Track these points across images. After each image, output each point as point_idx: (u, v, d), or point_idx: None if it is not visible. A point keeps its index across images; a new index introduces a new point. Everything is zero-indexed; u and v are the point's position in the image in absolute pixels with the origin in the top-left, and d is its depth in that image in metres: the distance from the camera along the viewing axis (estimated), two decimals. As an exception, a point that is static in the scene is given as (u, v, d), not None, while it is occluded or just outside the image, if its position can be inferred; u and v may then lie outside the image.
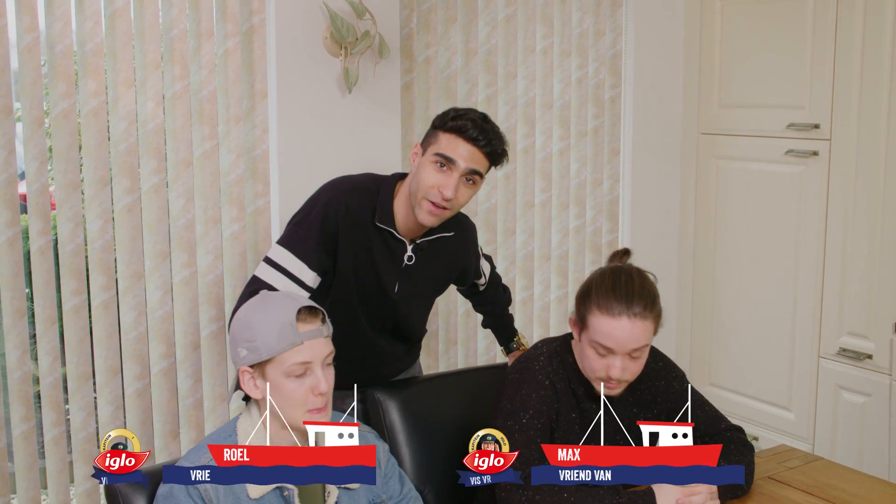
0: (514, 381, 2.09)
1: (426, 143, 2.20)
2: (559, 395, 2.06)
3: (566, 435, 2.07)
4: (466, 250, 2.46)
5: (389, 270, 2.30)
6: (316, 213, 2.22)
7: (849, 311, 3.27)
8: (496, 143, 2.17)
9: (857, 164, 3.19)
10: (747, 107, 3.55)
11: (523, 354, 2.18)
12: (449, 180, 2.13)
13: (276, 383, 1.74)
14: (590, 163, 3.58)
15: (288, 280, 2.18)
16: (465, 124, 2.13)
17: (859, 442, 3.24)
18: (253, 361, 1.75)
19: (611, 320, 1.98)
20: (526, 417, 2.02)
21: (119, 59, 2.59)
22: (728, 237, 3.69)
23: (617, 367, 1.99)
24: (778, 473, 2.18)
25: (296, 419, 1.75)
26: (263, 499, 1.73)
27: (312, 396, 1.75)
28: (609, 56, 3.57)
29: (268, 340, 1.74)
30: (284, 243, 2.23)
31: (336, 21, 2.78)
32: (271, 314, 1.77)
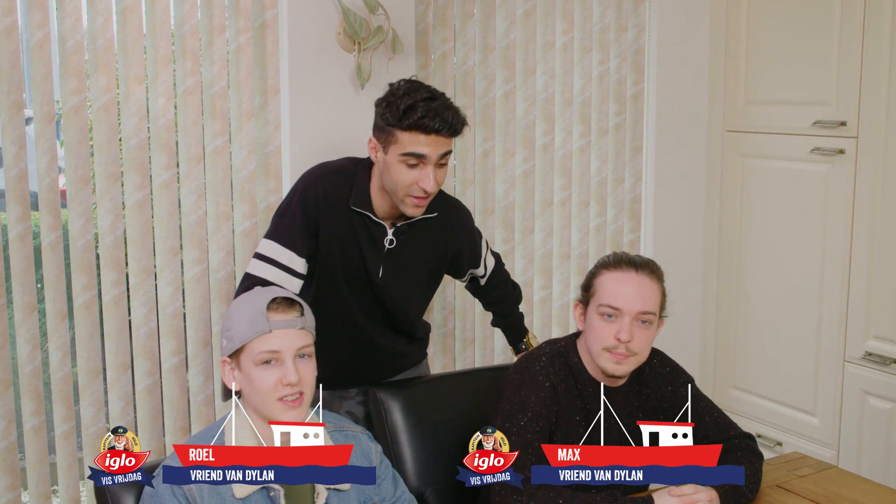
0: (513, 381, 2.06)
1: (385, 142, 2.17)
2: (559, 398, 2.03)
3: (568, 438, 2.04)
4: (456, 232, 2.43)
5: (372, 254, 2.30)
6: (296, 202, 2.25)
7: (875, 315, 3.20)
8: (454, 122, 2.15)
9: (884, 163, 3.12)
10: (773, 103, 3.48)
11: (525, 355, 2.16)
12: (424, 174, 2.15)
13: (247, 372, 1.76)
14: (611, 160, 3.53)
15: (279, 271, 2.20)
16: (422, 121, 2.10)
17: (886, 448, 3.17)
18: (229, 351, 1.78)
19: (618, 274, 2.00)
20: (524, 420, 1.99)
21: (130, 55, 2.59)
22: (753, 237, 3.62)
23: (626, 330, 1.97)
24: (787, 482, 2.13)
25: (267, 409, 1.76)
26: (249, 499, 1.73)
27: (281, 386, 1.75)
28: (632, 52, 3.52)
29: (240, 328, 1.76)
30: (270, 236, 2.26)
31: (349, 16, 2.76)
32: (247, 304, 1.79)
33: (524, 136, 3.31)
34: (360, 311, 2.34)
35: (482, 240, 2.54)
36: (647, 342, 2.03)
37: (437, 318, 3.22)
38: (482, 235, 2.55)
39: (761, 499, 2.03)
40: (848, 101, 3.21)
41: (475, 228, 2.51)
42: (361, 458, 1.88)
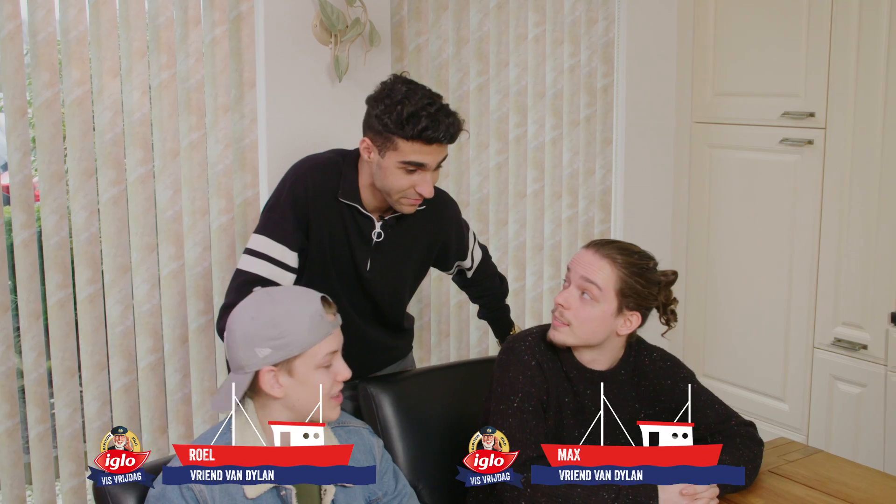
0: (501, 363, 2.08)
1: (382, 146, 2.13)
2: (547, 375, 2.05)
3: (558, 417, 2.06)
4: (443, 224, 2.42)
5: (360, 246, 2.29)
6: (285, 195, 2.23)
7: (844, 302, 3.26)
8: (455, 131, 2.14)
9: (852, 153, 3.18)
10: (741, 95, 3.54)
11: (512, 336, 2.18)
12: (423, 179, 2.15)
13: (304, 377, 1.73)
14: (582, 152, 3.56)
15: (272, 266, 2.18)
16: (426, 133, 2.08)
17: (854, 433, 3.24)
18: (280, 359, 1.71)
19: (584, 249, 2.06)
20: (517, 400, 2.01)
21: (104, 48, 2.54)
22: (722, 227, 3.67)
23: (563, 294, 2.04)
24: (778, 467, 2.16)
25: (322, 409, 1.71)
26: (260, 499, 1.70)
27: (335, 384, 1.76)
28: (602, 44, 3.54)
29: (299, 334, 1.71)
30: (261, 231, 2.23)
31: (326, 8, 2.74)
32: (295, 307, 1.74)
33: (497, 129, 3.32)
34: (349, 305, 2.32)
35: (469, 232, 2.53)
36: (584, 317, 2.01)
37: (412, 311, 3.21)
38: (469, 227, 2.55)
39: (757, 484, 2.06)
40: (816, 93, 3.26)
41: (463, 220, 2.51)
42: (364, 453, 1.87)
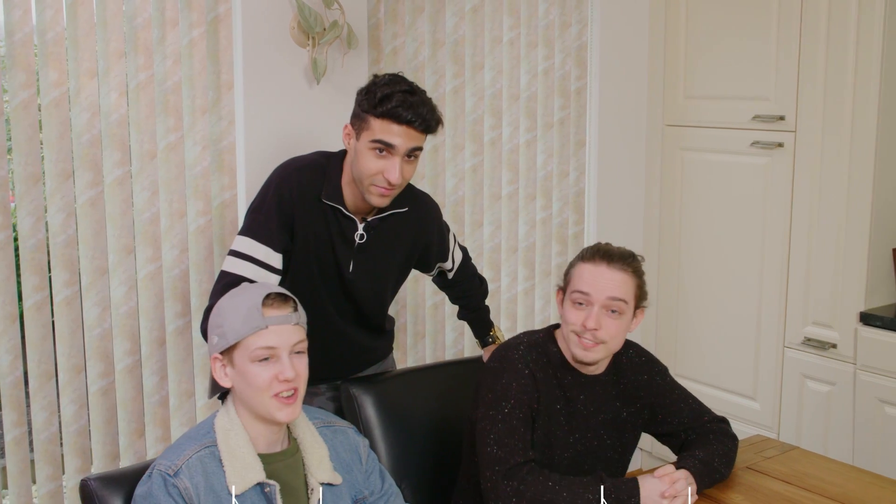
0: (493, 370, 2.09)
1: (358, 128, 2.18)
2: (538, 384, 2.07)
3: (549, 425, 2.07)
4: (424, 226, 2.43)
5: (343, 248, 2.30)
6: (271, 197, 2.23)
7: (814, 302, 3.32)
8: (429, 117, 2.16)
9: (822, 156, 3.23)
10: (712, 98, 3.58)
11: (503, 344, 2.18)
12: (391, 164, 2.14)
13: (242, 369, 1.73)
14: (556, 154, 3.59)
15: (257, 267, 2.17)
16: (396, 110, 2.10)
17: (824, 431, 3.29)
18: (222, 347, 1.75)
19: (590, 266, 2.05)
20: (507, 407, 2.02)
21: (81, 49, 2.53)
22: (694, 229, 3.72)
23: (593, 317, 2.02)
24: (756, 463, 2.20)
25: (262, 406, 1.73)
26: (245, 496, 1.71)
27: (277, 383, 1.73)
28: (575, 47, 3.58)
29: (234, 325, 1.73)
30: (246, 232, 2.23)
31: (304, 11, 2.74)
32: (240, 300, 1.76)
33: (473, 131, 3.33)
34: (332, 306, 2.33)
35: (450, 233, 2.55)
36: (616, 331, 2.06)
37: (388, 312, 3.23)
38: (450, 229, 2.56)
39: (735, 480, 2.10)
40: (786, 96, 3.31)
41: (444, 222, 2.52)
42: (350, 453, 1.88)
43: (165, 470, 1.69)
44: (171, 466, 1.69)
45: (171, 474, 1.68)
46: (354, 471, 1.87)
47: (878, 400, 3.11)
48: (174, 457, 1.71)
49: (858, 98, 3.11)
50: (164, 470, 1.69)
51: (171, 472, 1.68)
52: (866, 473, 2.17)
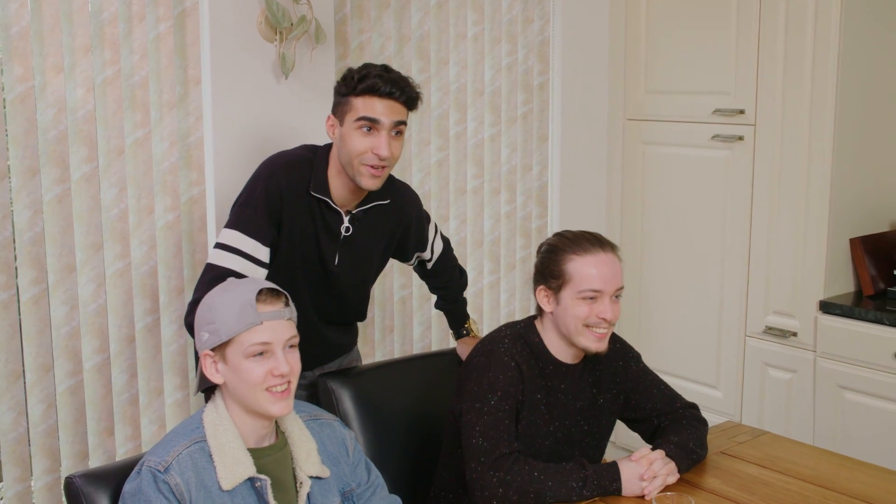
0: (479, 364, 2.10)
1: (341, 112, 2.21)
2: (524, 376, 2.09)
3: (532, 414, 2.10)
4: (404, 214, 2.46)
5: (328, 242, 2.31)
6: (260, 191, 2.23)
7: (774, 291, 3.38)
8: (409, 90, 2.21)
9: (781, 149, 3.30)
10: (673, 93, 3.63)
11: (487, 337, 2.19)
12: (379, 140, 2.17)
13: (235, 365, 1.73)
14: (520, 148, 3.62)
15: (244, 260, 2.18)
16: (375, 83, 2.15)
17: (786, 416, 3.37)
18: (214, 344, 1.74)
19: (590, 258, 2.07)
20: (494, 399, 2.03)
21: (47, 44, 2.49)
22: (655, 221, 3.77)
23: (609, 310, 2.06)
24: (729, 448, 2.24)
25: (256, 401, 1.73)
26: (235, 491, 1.71)
27: (272, 377, 1.73)
28: (537, 43, 3.61)
29: (227, 321, 1.72)
30: (234, 226, 2.23)
31: (271, 6, 2.74)
32: (232, 296, 1.75)
33: (438, 126, 3.35)
34: (309, 300, 2.34)
35: (430, 224, 2.57)
36: (619, 313, 2.13)
37: (356, 308, 3.24)
38: (430, 219, 2.58)
39: (710, 465, 2.14)
40: (746, 91, 3.38)
41: (423, 212, 2.55)
42: (337, 445, 1.89)
43: (155, 466, 1.67)
44: (161, 463, 1.68)
45: (161, 470, 1.67)
46: (342, 463, 1.88)
47: (837, 386, 3.19)
48: (164, 453, 1.70)
49: (816, 92, 3.18)
50: (153, 466, 1.68)
51: (162, 468, 1.67)
52: (836, 455, 2.23)
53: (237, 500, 1.71)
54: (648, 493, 1.96)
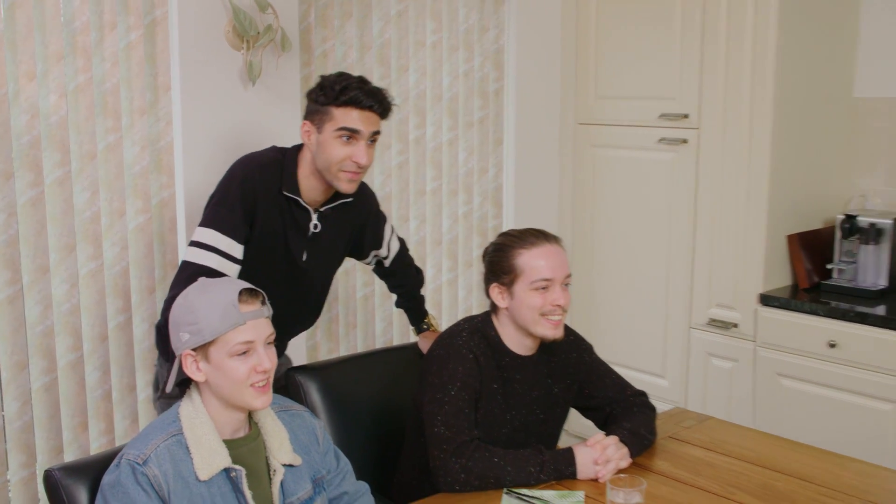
0: (439, 356, 2.12)
1: (319, 120, 2.22)
2: (481, 368, 2.11)
3: (489, 404, 2.13)
4: (362, 212, 2.48)
5: (296, 239, 2.32)
6: (235, 191, 2.24)
7: (717, 285, 3.44)
8: (386, 102, 2.24)
9: (723, 151, 3.35)
10: (621, 98, 3.67)
11: (446, 331, 2.21)
12: (358, 149, 2.20)
13: (219, 363, 1.73)
14: (476, 152, 3.64)
15: (220, 257, 2.18)
16: (356, 96, 2.18)
17: (727, 403, 3.42)
18: (196, 344, 1.72)
19: (537, 250, 2.10)
20: (454, 389, 2.06)
21: (20, 51, 2.47)
22: (605, 220, 3.81)
23: (561, 296, 2.10)
24: (677, 433, 2.29)
25: (240, 396, 1.74)
26: (212, 481, 1.71)
27: (255, 374, 1.74)
28: (493, 51, 3.64)
29: (211, 322, 1.72)
30: (209, 224, 2.22)
31: (238, 15, 2.74)
32: (213, 297, 1.74)
33: (399, 130, 3.37)
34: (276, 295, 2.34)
35: (387, 224, 2.59)
36: (569, 299, 2.16)
37: (322, 305, 3.25)
38: (388, 220, 2.60)
39: (660, 449, 2.18)
40: (690, 96, 3.42)
41: (380, 212, 2.57)
42: (307, 434, 1.89)
43: (134, 459, 1.67)
44: (140, 455, 1.67)
45: (139, 463, 1.66)
46: (312, 452, 1.89)
47: (776, 374, 3.25)
48: (142, 446, 1.69)
49: (756, 98, 3.23)
50: (132, 459, 1.67)
51: (140, 460, 1.66)
52: (776, 438, 2.28)
53: (214, 490, 1.71)
54: (602, 476, 1.99)
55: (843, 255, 3.33)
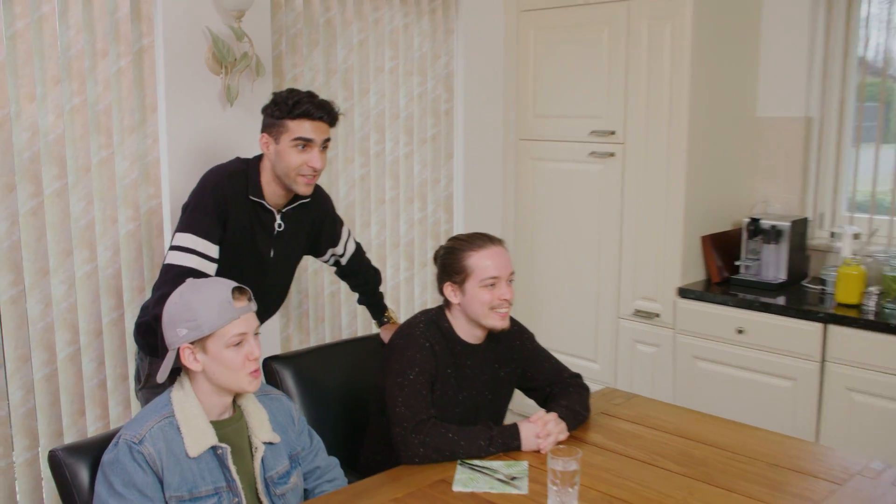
0: (399, 345, 2.16)
1: (276, 133, 2.25)
2: (436, 355, 2.16)
3: (444, 388, 2.17)
4: (319, 211, 2.50)
5: (263, 238, 2.34)
6: (207, 197, 2.25)
7: (641, 280, 3.50)
8: (333, 112, 2.29)
9: (645, 163, 3.42)
10: (557, 117, 3.71)
11: (406, 322, 2.25)
12: (312, 155, 2.24)
13: (216, 354, 1.75)
14: (429, 164, 3.69)
15: (199, 258, 2.18)
16: (308, 109, 2.22)
17: (651, 382, 3.50)
18: (195, 338, 1.74)
19: (485, 252, 2.14)
20: (413, 374, 2.09)
21: (21, 76, 2.48)
22: (543, 224, 3.85)
23: (507, 291, 2.14)
24: (608, 409, 2.33)
25: (238, 382, 1.77)
26: (201, 457, 1.74)
27: (248, 361, 1.77)
28: (444, 75, 3.69)
29: (209, 317, 1.74)
30: (186, 229, 2.22)
31: (217, 43, 2.77)
32: (208, 295, 1.76)
33: (361, 146, 3.40)
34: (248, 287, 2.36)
35: (344, 227, 2.62)
36: (513, 293, 2.21)
37: (294, 300, 3.28)
38: (344, 224, 2.63)
39: (593, 423, 2.24)
40: (616, 115, 3.48)
41: (337, 215, 2.60)
42: (284, 416, 1.93)
43: (130, 439, 1.69)
44: (136, 435, 1.70)
45: (136, 442, 1.69)
46: (289, 431, 1.92)
47: (692, 357, 3.33)
48: (137, 427, 1.72)
49: (673, 117, 3.30)
50: (129, 439, 1.69)
51: (136, 440, 1.69)
52: (693, 412, 2.34)
53: (202, 466, 1.74)
54: (543, 448, 2.04)
55: (749, 254, 3.40)
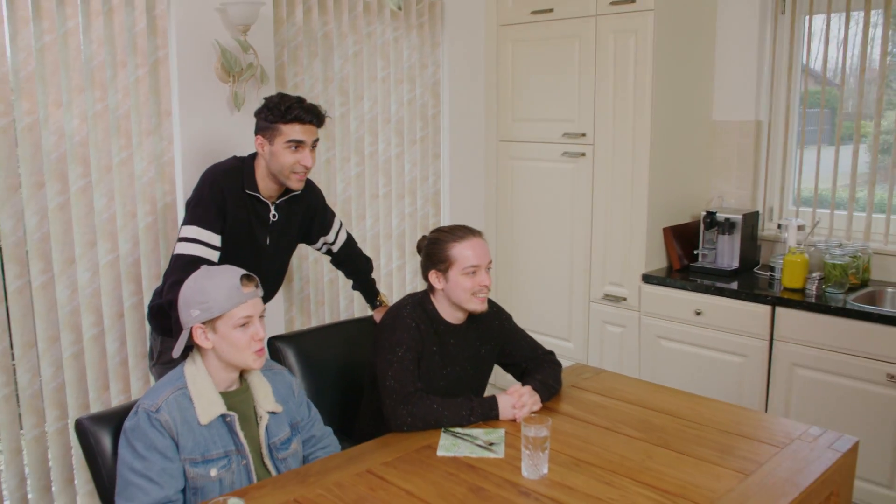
0: (388, 325, 2.17)
1: (270, 135, 2.26)
2: (422, 334, 2.17)
3: (429, 364, 2.18)
4: (311, 202, 2.52)
5: (260, 228, 2.35)
6: (207, 193, 2.26)
7: (609, 267, 3.51)
8: (320, 115, 2.30)
9: (612, 162, 3.43)
10: (533, 120, 3.72)
11: (394, 305, 2.25)
12: (303, 155, 2.26)
13: (225, 333, 1.76)
14: (418, 164, 3.69)
15: (204, 247, 2.20)
16: (299, 114, 2.24)
17: (619, 360, 3.52)
18: (206, 318, 1.76)
19: (467, 243, 2.14)
20: (401, 351, 2.10)
21: (49, 84, 2.48)
22: (522, 217, 3.86)
23: (486, 278, 2.15)
24: (577, 383, 2.34)
25: (244, 360, 1.78)
26: (211, 424, 1.75)
27: (254, 341, 1.78)
28: (431, 83, 3.69)
29: (219, 300, 1.75)
30: (191, 222, 2.24)
31: (226, 54, 2.77)
32: (219, 280, 1.77)
33: (356, 147, 3.41)
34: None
35: (335, 219, 2.63)
36: (491, 280, 2.21)
37: (296, 286, 3.29)
38: (336, 215, 2.64)
39: (565, 395, 2.25)
40: (586, 119, 3.49)
41: (329, 208, 2.61)
42: (286, 389, 1.94)
43: (148, 408, 1.71)
44: (153, 405, 1.71)
45: (153, 411, 1.70)
46: (290, 403, 1.93)
47: (656, 336, 3.35)
48: (154, 397, 1.73)
49: (637, 121, 3.31)
50: (147, 408, 1.71)
51: (154, 409, 1.71)
52: (654, 385, 2.33)
53: (213, 432, 1.76)
54: (519, 417, 2.06)
55: (706, 243, 3.42)
